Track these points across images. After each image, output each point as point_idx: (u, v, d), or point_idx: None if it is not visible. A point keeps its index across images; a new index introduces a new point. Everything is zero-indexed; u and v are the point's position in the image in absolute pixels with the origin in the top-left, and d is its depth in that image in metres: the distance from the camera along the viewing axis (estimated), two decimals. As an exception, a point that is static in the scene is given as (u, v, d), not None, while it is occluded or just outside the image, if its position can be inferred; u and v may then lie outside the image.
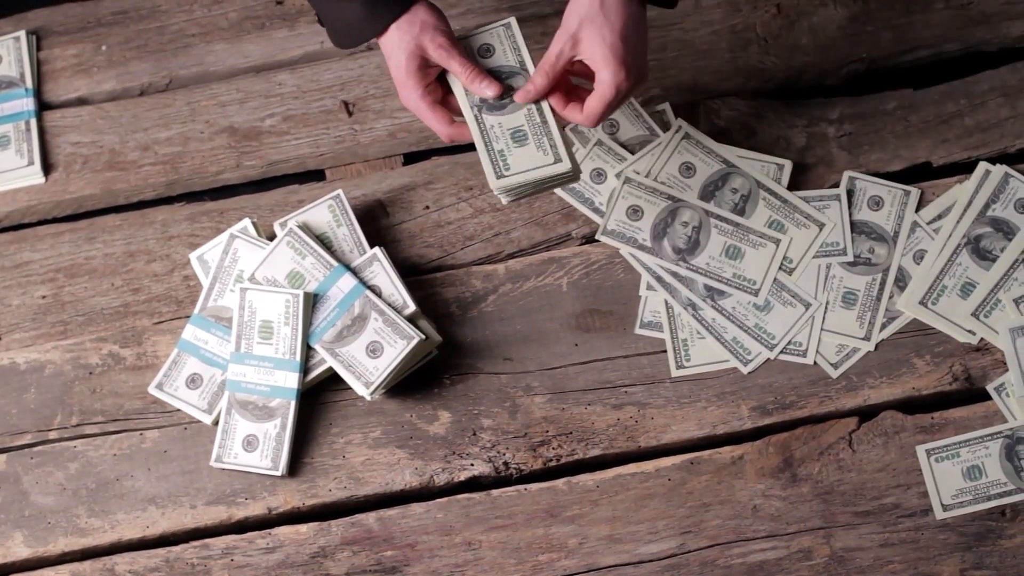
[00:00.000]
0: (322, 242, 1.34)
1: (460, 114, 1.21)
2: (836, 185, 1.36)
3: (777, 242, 1.32)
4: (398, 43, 1.18)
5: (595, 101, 1.16)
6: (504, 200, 1.21)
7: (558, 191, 1.38)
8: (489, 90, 1.18)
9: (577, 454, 1.29)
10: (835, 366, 1.30)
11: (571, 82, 1.22)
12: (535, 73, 1.18)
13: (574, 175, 1.19)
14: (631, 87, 1.16)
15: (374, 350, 1.27)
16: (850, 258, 1.32)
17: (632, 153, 1.37)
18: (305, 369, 1.29)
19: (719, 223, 1.32)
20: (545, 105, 1.19)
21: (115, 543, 1.29)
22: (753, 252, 1.32)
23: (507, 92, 1.20)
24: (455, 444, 1.30)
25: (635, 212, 1.33)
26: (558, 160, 1.17)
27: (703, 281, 1.31)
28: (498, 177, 1.17)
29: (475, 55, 1.21)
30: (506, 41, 1.22)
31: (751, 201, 1.34)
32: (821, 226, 1.32)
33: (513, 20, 1.23)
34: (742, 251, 1.31)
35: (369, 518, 1.28)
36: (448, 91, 1.22)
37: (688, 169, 1.35)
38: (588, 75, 1.18)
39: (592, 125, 1.18)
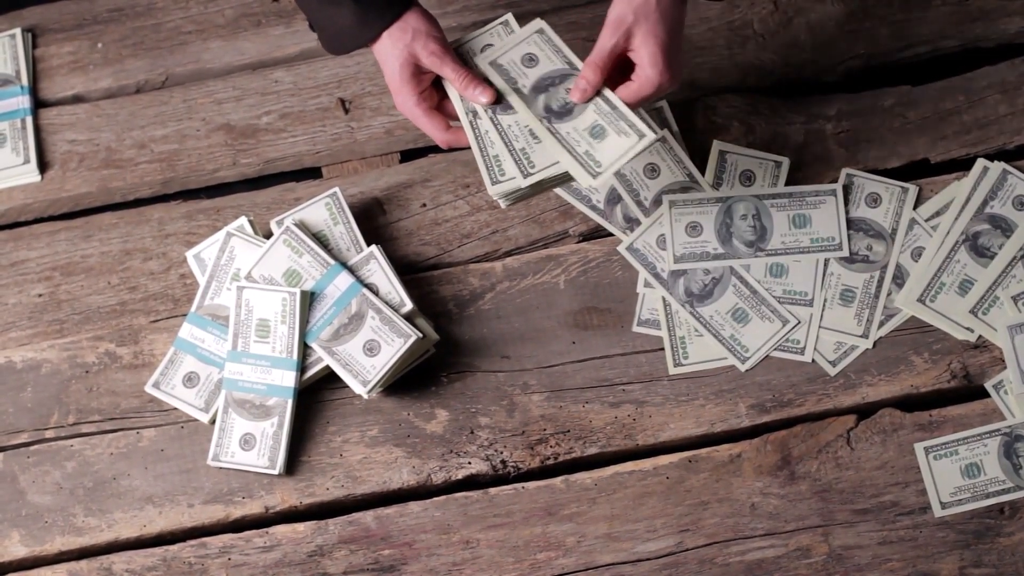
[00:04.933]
0: (319, 240, 1.33)
1: (456, 118, 1.21)
2: (834, 181, 1.36)
3: (834, 193, 1.32)
4: (391, 51, 1.18)
5: (632, 93, 1.16)
6: (503, 204, 1.21)
7: (556, 188, 1.37)
8: (483, 96, 1.18)
9: (575, 452, 1.29)
10: (833, 364, 1.30)
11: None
12: (586, 68, 1.16)
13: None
14: (669, 89, 1.16)
15: (371, 348, 1.26)
16: (846, 253, 1.32)
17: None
18: (302, 368, 1.29)
19: (774, 200, 1.32)
20: (608, 92, 1.17)
21: (112, 542, 1.29)
22: (817, 213, 1.32)
23: (499, 100, 1.19)
24: (453, 442, 1.29)
25: (694, 228, 1.33)
26: (642, 135, 1.15)
27: (771, 261, 1.32)
28: (594, 176, 1.14)
29: (519, 66, 1.20)
30: (546, 47, 1.21)
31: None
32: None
33: (545, 24, 1.22)
34: (807, 216, 1.32)
35: (367, 517, 1.27)
36: (444, 96, 1.22)
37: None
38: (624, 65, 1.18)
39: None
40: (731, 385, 1.30)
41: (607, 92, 1.17)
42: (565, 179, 1.20)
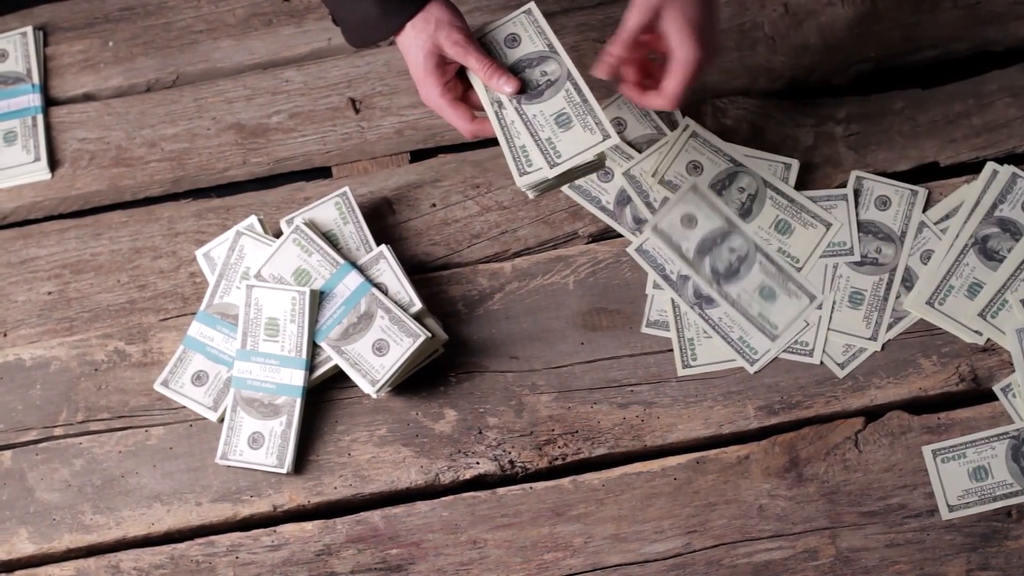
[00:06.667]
0: (328, 239, 1.34)
1: (481, 108, 1.21)
2: (843, 185, 1.36)
3: (828, 225, 1.32)
4: (414, 41, 1.18)
5: (675, 81, 1.14)
6: (531, 195, 1.20)
7: (564, 189, 1.37)
8: (507, 86, 1.18)
9: (583, 453, 1.29)
10: (841, 366, 1.30)
11: (647, 63, 1.20)
12: (611, 44, 1.15)
13: (600, 162, 1.19)
14: (707, 64, 1.14)
15: (380, 348, 1.27)
16: (857, 258, 1.32)
17: (639, 152, 1.37)
18: (311, 367, 1.29)
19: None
20: (582, 83, 1.18)
21: (120, 540, 1.29)
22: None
23: (528, 86, 1.19)
24: (461, 442, 1.29)
25: (695, 167, 1.33)
26: (607, 136, 1.16)
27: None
28: (552, 166, 1.16)
29: (502, 47, 1.21)
30: (530, 28, 1.21)
31: (758, 200, 1.33)
32: (828, 226, 1.32)
33: (533, 5, 1.22)
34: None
35: (374, 516, 1.28)
36: (468, 86, 1.22)
37: (695, 168, 1.35)
38: (655, 48, 1.17)
39: (674, 107, 1.16)
40: (739, 387, 1.30)
41: (583, 86, 1.16)
42: (593, 168, 1.20)
